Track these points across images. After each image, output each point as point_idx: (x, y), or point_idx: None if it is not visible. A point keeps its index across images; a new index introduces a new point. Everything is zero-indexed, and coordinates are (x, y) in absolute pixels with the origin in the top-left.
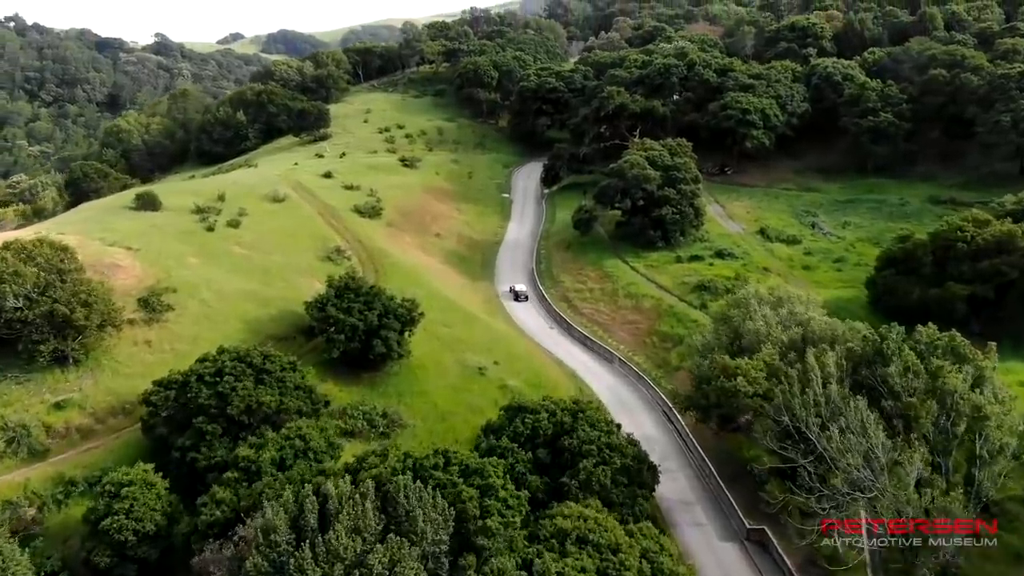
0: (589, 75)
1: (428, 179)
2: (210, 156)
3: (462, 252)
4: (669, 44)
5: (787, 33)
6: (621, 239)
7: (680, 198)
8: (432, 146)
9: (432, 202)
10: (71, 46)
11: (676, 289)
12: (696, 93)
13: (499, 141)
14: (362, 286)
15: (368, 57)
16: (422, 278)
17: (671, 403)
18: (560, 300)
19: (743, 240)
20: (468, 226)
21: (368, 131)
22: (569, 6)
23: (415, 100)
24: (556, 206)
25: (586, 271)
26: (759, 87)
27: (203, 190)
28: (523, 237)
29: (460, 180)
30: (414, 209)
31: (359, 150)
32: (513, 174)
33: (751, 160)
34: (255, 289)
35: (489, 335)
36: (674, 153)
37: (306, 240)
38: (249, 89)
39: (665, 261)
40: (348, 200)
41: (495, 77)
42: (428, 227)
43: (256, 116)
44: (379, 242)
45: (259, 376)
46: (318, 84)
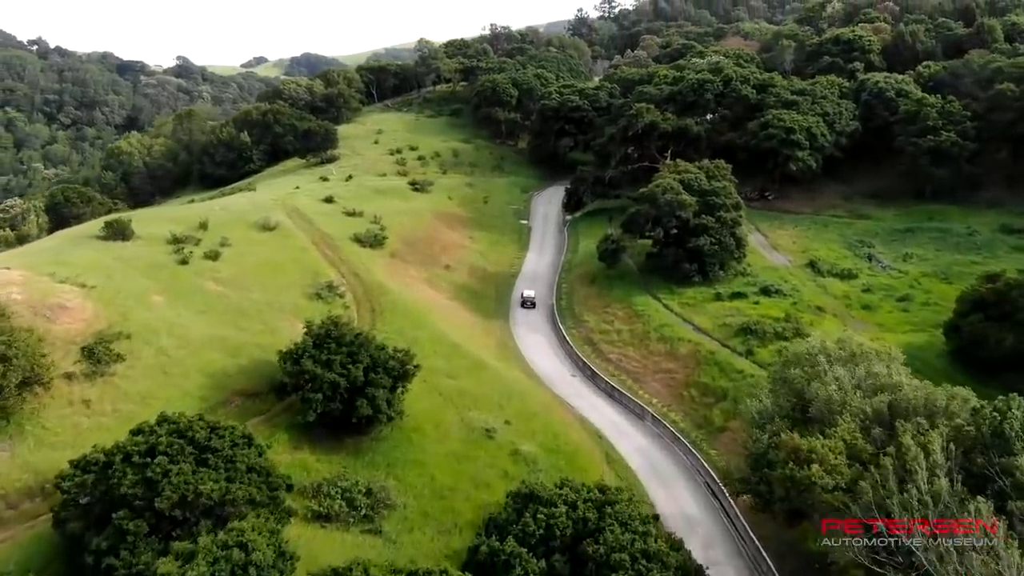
0: (615, 93)
1: (439, 204)
2: (212, 179)
3: (474, 286)
4: (702, 59)
5: (831, 47)
6: (652, 273)
7: (719, 227)
8: (446, 168)
9: (443, 230)
10: (92, 69)
11: (717, 332)
12: (733, 111)
13: (518, 163)
14: (346, 334)
15: (382, 75)
16: (426, 318)
17: (720, 482)
18: (583, 342)
19: (791, 274)
20: (482, 256)
21: (378, 153)
22: (594, 25)
23: (430, 120)
24: (579, 234)
25: (613, 309)
26: (803, 104)
27: (185, 217)
28: (543, 269)
29: (475, 205)
30: (422, 238)
31: (367, 173)
32: (533, 199)
33: (794, 184)
34: (226, 334)
35: (501, 387)
36: (712, 176)
37: (294, 274)
38: (255, 109)
39: (703, 299)
40: (348, 228)
41: (514, 95)
42: (437, 258)
43: (261, 137)
44: (379, 276)
45: (202, 456)
46: (328, 103)
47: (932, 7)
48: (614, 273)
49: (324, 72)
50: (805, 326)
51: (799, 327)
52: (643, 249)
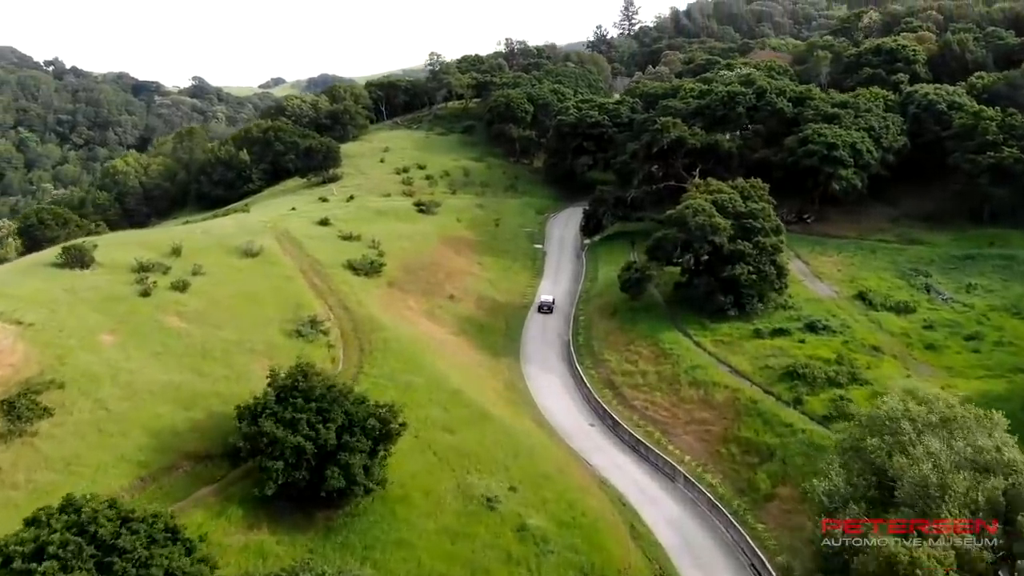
0: (637, 108)
1: (447, 227)
2: (210, 200)
3: (481, 319)
4: (730, 72)
5: (871, 57)
6: (681, 305)
7: (758, 253)
8: (456, 188)
9: (449, 255)
10: (106, 89)
11: (758, 376)
12: (767, 126)
13: (533, 183)
14: (316, 386)
15: (392, 92)
16: (423, 358)
17: (772, 568)
18: (604, 385)
19: (839, 307)
20: (491, 285)
21: (384, 172)
22: (613, 43)
23: (440, 138)
24: (599, 261)
25: (637, 347)
26: (845, 118)
27: (158, 241)
28: (558, 299)
29: (485, 228)
30: (425, 264)
31: (371, 193)
32: (548, 221)
33: (836, 206)
34: (182, 381)
35: (507, 442)
36: (747, 197)
37: (273, 307)
38: (255, 126)
39: (740, 335)
40: (342, 254)
41: (530, 111)
42: (440, 286)
43: (262, 155)
44: (372, 308)
45: (106, 559)
46: (333, 120)
47: (979, 16)
48: (638, 305)
49: (330, 88)
50: (861, 370)
51: (855, 371)
52: (671, 278)
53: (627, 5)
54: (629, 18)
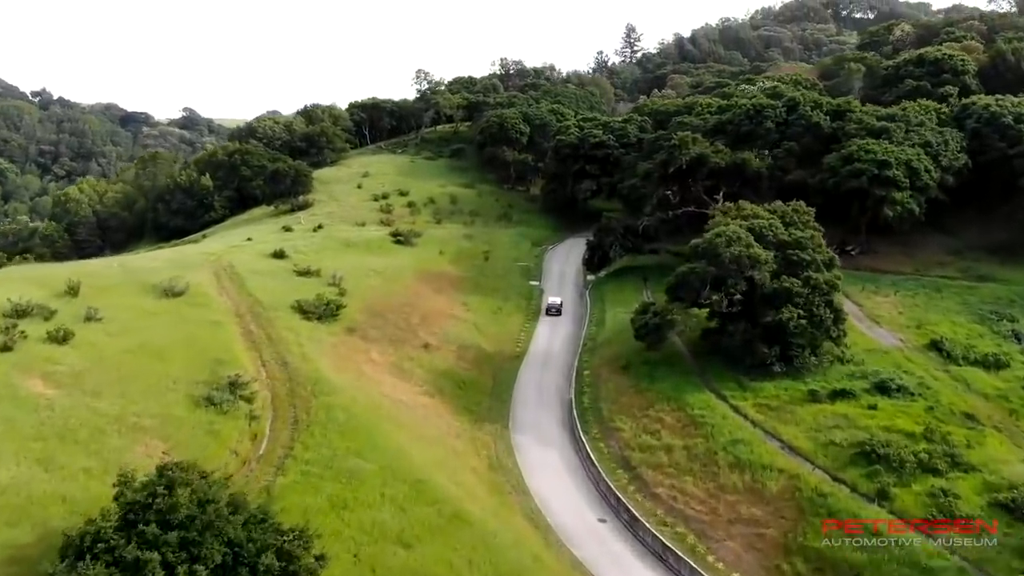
0: (647, 127)
1: (427, 261)
2: (168, 230)
3: (462, 373)
4: (752, 86)
5: (913, 68)
6: (711, 357)
7: (809, 293)
8: (441, 217)
9: (426, 294)
10: (91, 119)
11: (822, 456)
12: (801, 143)
13: (529, 212)
14: (181, 504)
15: (376, 114)
16: (379, 431)
17: None
18: (617, 464)
19: (909, 361)
20: (477, 330)
21: (360, 199)
22: (615, 69)
23: (427, 162)
24: (605, 301)
25: (658, 411)
26: (896, 132)
27: (54, 277)
28: (558, 348)
29: (472, 262)
30: (396, 305)
31: (343, 222)
32: (546, 254)
33: (884, 235)
34: (15, 478)
35: (486, 559)
36: (789, 223)
37: (182, 364)
38: (221, 149)
39: (791, 398)
40: (293, 292)
41: (526, 132)
42: (413, 333)
43: (226, 181)
44: (321, 363)
45: None
46: (309, 143)
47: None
48: (657, 357)
49: (307, 108)
50: (960, 449)
51: (952, 451)
52: (698, 323)
53: (628, 32)
54: (631, 44)
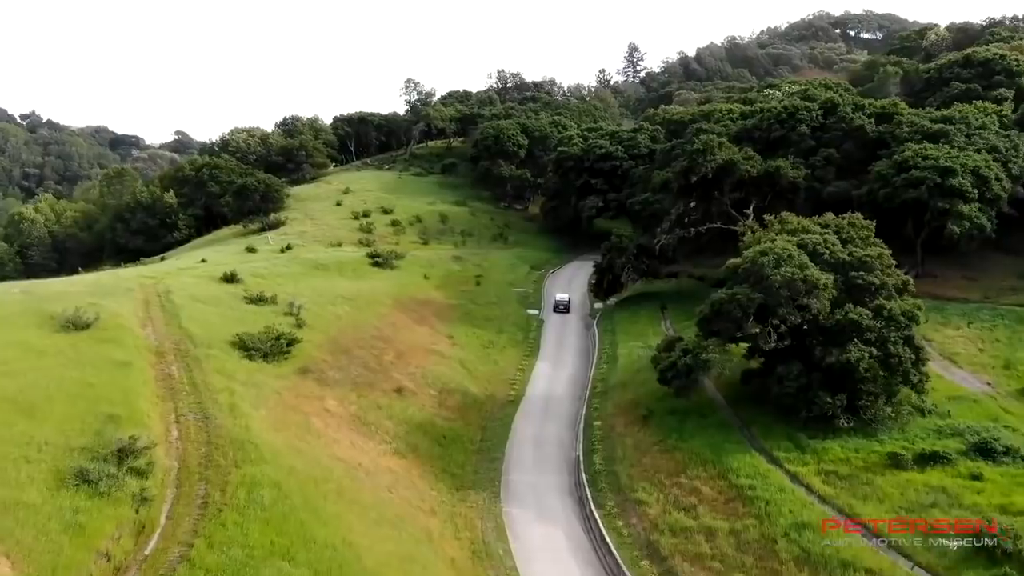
0: (659, 136)
1: (408, 286)
2: (127, 252)
3: (443, 424)
4: (777, 91)
5: (959, 70)
6: (755, 405)
7: (883, 327)
8: (428, 237)
9: (405, 325)
10: (79, 142)
11: (921, 549)
12: (842, 150)
13: (527, 232)
14: None
15: (363, 129)
16: (321, 516)
17: None
18: (641, 551)
19: (1007, 411)
20: (464, 369)
21: (338, 216)
22: (618, 88)
23: (415, 179)
24: (617, 332)
25: (692, 478)
26: (955, 135)
27: None
28: (560, 390)
29: (461, 288)
30: (366, 339)
31: (317, 242)
32: (546, 279)
33: (941, 256)
34: None
35: None
36: (848, 239)
37: (58, 423)
38: (188, 164)
39: (866, 462)
40: (238, 324)
41: (524, 145)
42: (385, 373)
43: (193, 198)
44: (255, 417)
45: None
46: (287, 158)
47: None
48: (686, 405)
49: (285, 120)
50: None
51: None
52: (738, 364)
53: (631, 51)
54: (634, 64)
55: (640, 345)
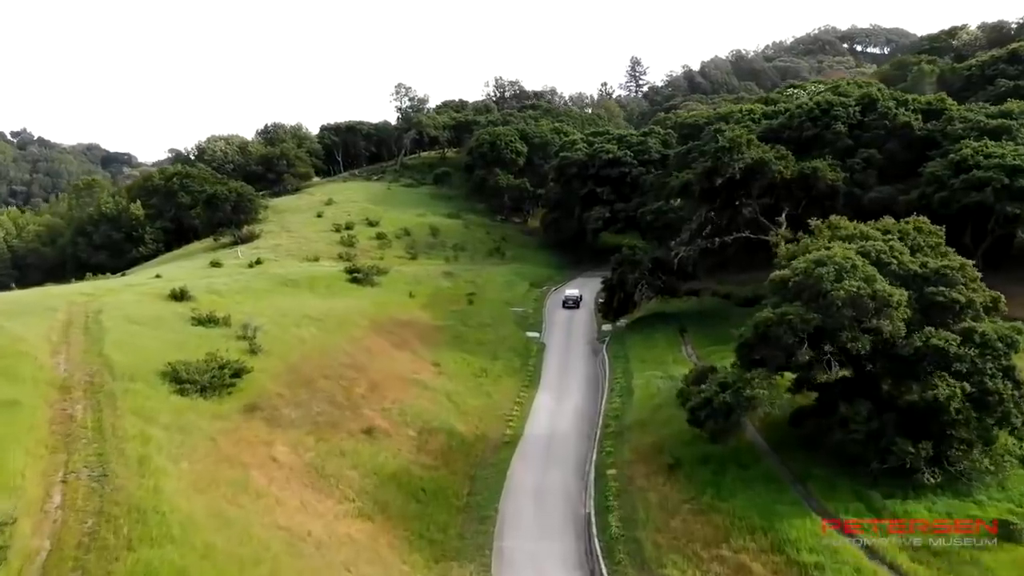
0: (671, 141)
1: (389, 305)
2: (90, 268)
3: (422, 475)
4: (803, 91)
5: (1005, 67)
6: (810, 453)
7: (977, 355)
8: (416, 252)
9: (384, 350)
10: (68, 159)
11: None
12: (884, 150)
13: (526, 247)
14: None
15: (350, 138)
16: None
17: None
18: None
19: None
20: (451, 403)
21: (318, 229)
22: (620, 101)
23: (405, 190)
24: (630, 359)
25: (737, 549)
26: (1020, 132)
27: None
28: (566, 428)
29: (451, 308)
30: (334, 367)
31: (292, 256)
32: (548, 298)
33: (998, 269)
34: None
35: None
36: (915, 248)
37: None
38: (158, 173)
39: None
40: (176, 350)
41: (523, 152)
42: (354, 410)
43: (162, 209)
44: (171, 472)
45: None
46: (266, 168)
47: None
48: (723, 452)
49: (267, 128)
50: None
51: None
52: (786, 403)
53: (633, 65)
54: (636, 78)
55: (659, 375)
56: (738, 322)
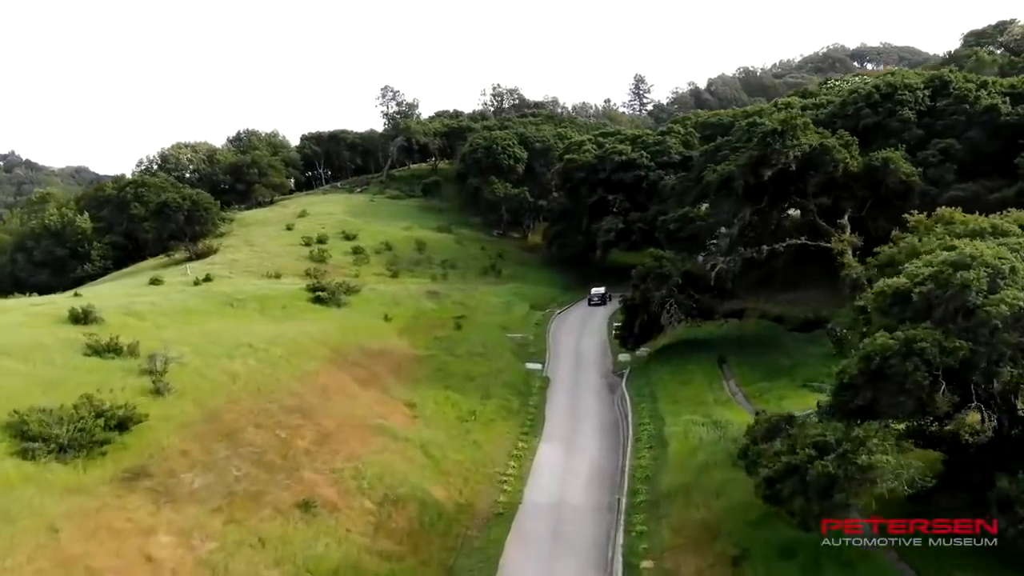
0: (692, 140)
1: (358, 330)
2: (29, 288)
3: (380, 566)
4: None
5: None
6: (944, 543)
7: None
8: (399, 268)
9: (343, 387)
10: (56, 182)
11: None
12: (963, 139)
13: (526, 264)
14: None
15: (334, 147)
16: None
17: None
18: None
19: None
20: (426, 457)
21: (285, 243)
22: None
23: (391, 202)
24: (659, 399)
25: None
26: None
27: None
28: (578, 495)
29: (436, 333)
30: (269, 411)
31: (250, 272)
32: (551, 322)
33: None
34: None
35: None
36: None
37: None
38: (112, 183)
39: None
40: (44, 390)
41: (522, 158)
42: (290, 471)
43: (113, 222)
44: None
45: None
46: (236, 177)
47: None
48: (815, 540)
49: (239, 134)
50: None
51: None
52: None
53: (637, 83)
54: (640, 96)
55: (700, 420)
56: (793, 350)
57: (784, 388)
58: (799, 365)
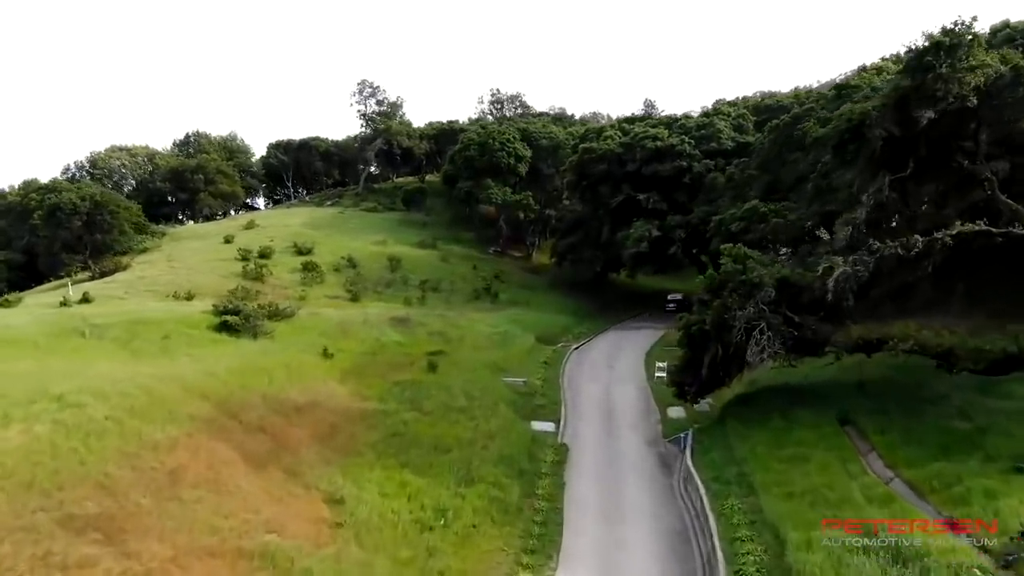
0: (746, 124)
1: (274, 372)
2: None
3: None
4: None
5: None
6: None
7: None
8: (362, 290)
9: (219, 468)
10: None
11: None
12: None
13: (530, 287)
14: None
15: (305, 156)
16: None
17: None
18: None
19: None
20: None
21: (216, 257)
22: None
23: (365, 215)
24: (757, 488)
25: None
26: None
27: None
28: None
29: (398, 375)
30: (41, 531)
31: (153, 292)
32: (566, 361)
33: None
34: None
35: None
36: None
37: None
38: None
39: None
40: None
41: (524, 157)
42: None
43: (12, 236)
44: None
45: None
46: (177, 185)
47: None
48: None
49: (188, 136)
50: None
51: None
52: None
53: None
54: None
55: (854, 539)
56: (968, 405)
57: (980, 473)
58: (986, 431)
